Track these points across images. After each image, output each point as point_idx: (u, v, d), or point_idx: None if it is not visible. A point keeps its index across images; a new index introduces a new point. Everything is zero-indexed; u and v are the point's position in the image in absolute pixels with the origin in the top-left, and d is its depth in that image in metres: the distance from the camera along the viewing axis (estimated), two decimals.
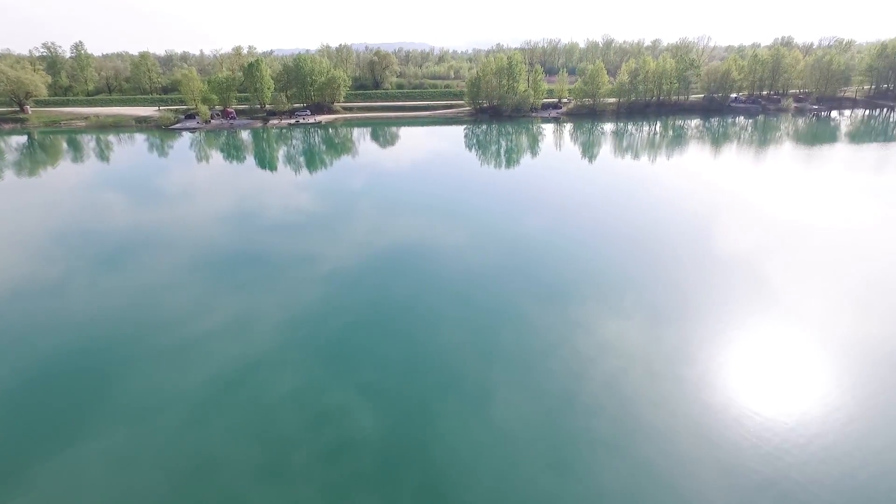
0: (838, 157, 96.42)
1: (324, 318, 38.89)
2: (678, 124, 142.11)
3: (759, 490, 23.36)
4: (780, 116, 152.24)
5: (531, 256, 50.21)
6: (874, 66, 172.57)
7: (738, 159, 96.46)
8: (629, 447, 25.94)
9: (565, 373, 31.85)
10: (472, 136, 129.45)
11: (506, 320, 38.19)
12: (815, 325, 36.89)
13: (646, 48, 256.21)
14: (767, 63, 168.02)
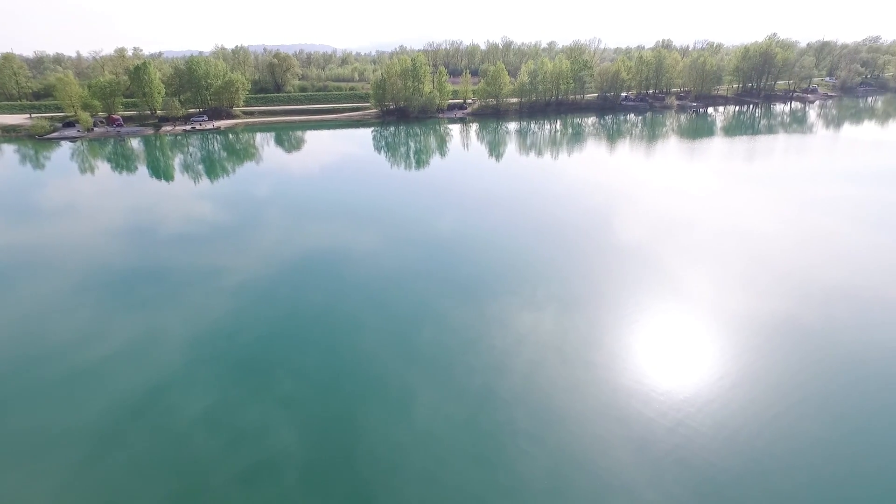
0: (716, 150, 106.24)
1: (235, 333, 37.11)
2: (577, 122, 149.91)
3: (666, 459, 25.26)
4: (665, 113, 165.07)
5: (446, 256, 50.90)
6: (740, 66, 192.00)
7: (632, 154, 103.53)
8: (549, 434, 27.07)
9: (485, 368, 32.64)
10: (381, 138, 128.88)
11: (424, 321, 38.45)
12: (702, 304, 40.44)
13: (542, 50, 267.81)
14: (651, 64, 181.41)
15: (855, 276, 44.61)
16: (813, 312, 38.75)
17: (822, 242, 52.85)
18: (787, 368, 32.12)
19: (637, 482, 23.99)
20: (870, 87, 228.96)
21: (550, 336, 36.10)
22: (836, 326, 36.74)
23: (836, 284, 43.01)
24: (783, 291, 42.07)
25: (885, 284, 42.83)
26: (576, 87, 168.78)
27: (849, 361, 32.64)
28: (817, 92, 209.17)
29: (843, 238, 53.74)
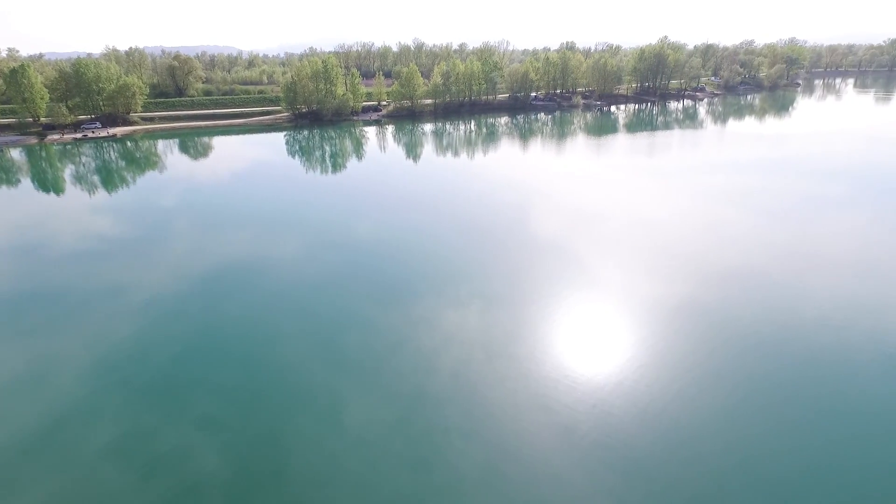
0: (620, 145, 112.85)
1: (144, 354, 34.70)
2: (490, 122, 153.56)
3: (589, 442, 26.52)
4: (572, 112, 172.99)
5: (368, 259, 50.44)
6: (637, 67, 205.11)
7: (545, 151, 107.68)
8: (480, 429, 27.59)
9: (413, 369, 32.70)
10: (294, 142, 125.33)
11: (349, 327, 37.88)
12: (614, 291, 42.84)
13: (454, 51, 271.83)
14: (557, 65, 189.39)
15: (744, 257, 49.01)
16: (710, 292, 42.14)
17: (715, 228, 57.61)
18: (689, 345, 34.73)
19: (564, 467, 25.01)
20: (748, 86, 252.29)
21: (476, 333, 36.78)
22: (731, 304, 40.18)
23: (729, 265, 47.05)
24: (684, 275, 45.43)
25: (770, 263, 47.37)
26: (488, 88, 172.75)
27: (742, 334, 35.81)
28: (705, 90, 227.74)
29: (732, 223, 58.86)
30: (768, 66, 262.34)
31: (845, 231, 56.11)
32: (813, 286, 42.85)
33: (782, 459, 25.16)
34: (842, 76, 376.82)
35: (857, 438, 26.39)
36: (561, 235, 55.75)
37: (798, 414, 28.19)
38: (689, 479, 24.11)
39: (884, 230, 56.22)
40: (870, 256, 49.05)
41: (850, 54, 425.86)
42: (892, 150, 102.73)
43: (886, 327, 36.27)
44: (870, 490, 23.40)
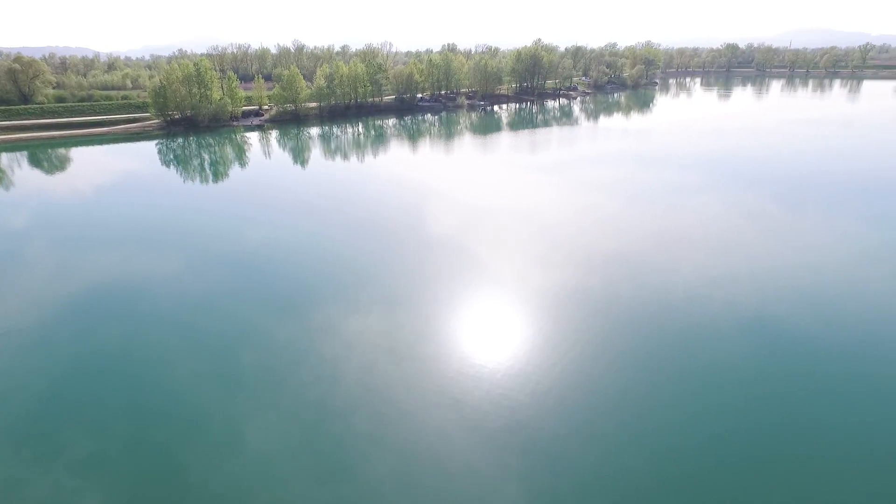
0: (505, 143, 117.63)
1: (2, 397, 30.41)
2: (378, 124, 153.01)
3: (498, 432, 27.44)
4: (458, 112, 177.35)
5: (260, 269, 48.17)
6: (515, 68, 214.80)
7: (434, 151, 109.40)
8: (390, 434, 27.47)
9: (316, 381, 31.78)
10: (168, 151, 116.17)
11: (243, 344, 35.94)
12: (510, 283, 44.69)
13: (336, 53, 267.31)
14: (441, 67, 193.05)
15: (621, 242, 53.32)
16: (595, 277, 45.35)
17: (595, 217, 62.08)
18: (580, 328, 37.12)
19: (476, 459, 25.66)
20: (615, 85, 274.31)
21: (380, 337, 36.54)
22: (613, 286, 43.51)
23: (609, 251, 50.93)
24: (571, 263, 48.45)
25: (643, 246, 51.93)
26: (373, 90, 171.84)
27: (624, 314, 38.93)
28: (578, 90, 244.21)
29: (609, 212, 63.77)
30: (630, 67, 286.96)
31: (702, 214, 63.03)
32: (680, 265, 47.62)
33: (668, 428, 27.71)
34: (690, 76, 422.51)
35: (728, 403, 29.74)
36: (456, 232, 57.02)
37: (677, 384, 31.20)
38: (590, 455, 25.78)
39: (732, 211, 63.92)
40: (722, 235, 55.52)
41: (695, 56, 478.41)
42: (734, 141, 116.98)
43: (739, 297, 41.25)
44: (741, 447, 26.50)
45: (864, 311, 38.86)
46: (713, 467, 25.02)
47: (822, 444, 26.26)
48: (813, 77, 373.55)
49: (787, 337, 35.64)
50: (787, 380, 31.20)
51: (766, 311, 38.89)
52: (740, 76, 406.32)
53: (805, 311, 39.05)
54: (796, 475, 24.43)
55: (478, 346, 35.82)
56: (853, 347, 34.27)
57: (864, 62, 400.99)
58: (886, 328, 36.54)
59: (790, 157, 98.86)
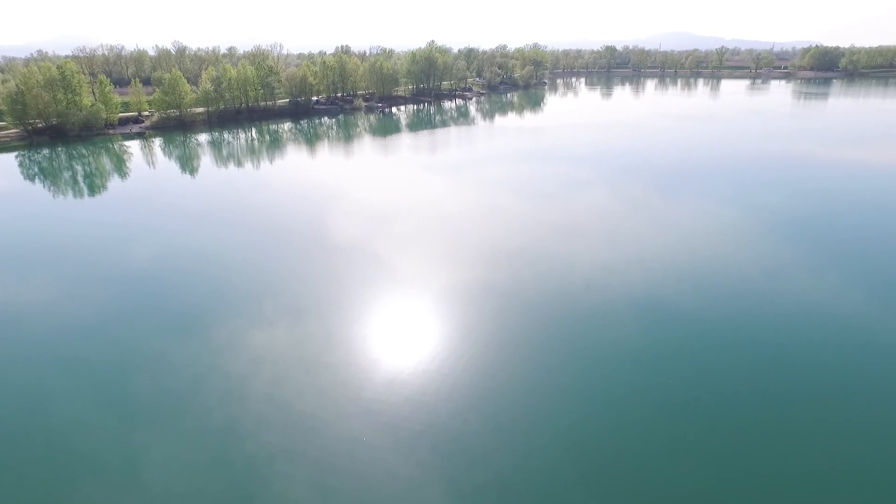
0: (406, 144, 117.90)
1: None
2: (272, 129, 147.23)
3: (418, 433, 27.47)
4: (356, 114, 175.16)
5: (153, 288, 44.56)
6: (411, 70, 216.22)
7: (334, 154, 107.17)
8: (306, 448, 26.56)
9: (222, 401, 29.98)
10: (32, 164, 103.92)
11: (137, 369, 33.07)
12: (420, 284, 44.92)
13: (223, 56, 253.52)
14: (335, 69, 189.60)
15: (523, 237, 55.49)
16: (501, 272, 46.80)
17: (498, 214, 64.05)
18: (489, 324, 38.17)
19: (397, 463, 25.51)
20: (507, 85, 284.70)
21: (289, 348, 35.21)
22: (518, 280, 45.18)
23: (513, 246, 52.78)
24: (477, 260, 49.64)
25: (543, 239, 54.39)
26: (265, 94, 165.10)
27: (529, 306, 40.56)
28: (472, 90, 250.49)
29: (510, 208, 66.11)
30: (520, 68, 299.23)
31: (594, 205, 67.21)
32: (577, 255, 50.42)
33: (577, 412, 29.25)
34: (575, 76, 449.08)
35: (631, 384, 31.91)
36: (362, 236, 56.27)
37: (582, 369, 33.00)
38: (508, 446, 26.55)
39: (620, 202, 68.75)
40: (613, 224, 59.56)
41: (579, 58, 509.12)
42: (617, 136, 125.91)
43: (632, 281, 44.46)
44: (644, 425, 28.55)
45: (734, 285, 43.41)
46: (624, 448, 26.74)
47: (711, 410, 28.99)
48: (680, 76, 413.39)
49: (674, 314, 38.94)
50: (678, 355, 34.09)
51: (655, 292, 42.23)
52: (619, 76, 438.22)
53: (687, 289, 42.89)
54: (696, 447, 26.76)
55: (391, 349, 35.62)
56: (727, 320, 38.18)
57: (721, 63, 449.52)
58: (753, 300, 41.06)
59: (666, 149, 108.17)
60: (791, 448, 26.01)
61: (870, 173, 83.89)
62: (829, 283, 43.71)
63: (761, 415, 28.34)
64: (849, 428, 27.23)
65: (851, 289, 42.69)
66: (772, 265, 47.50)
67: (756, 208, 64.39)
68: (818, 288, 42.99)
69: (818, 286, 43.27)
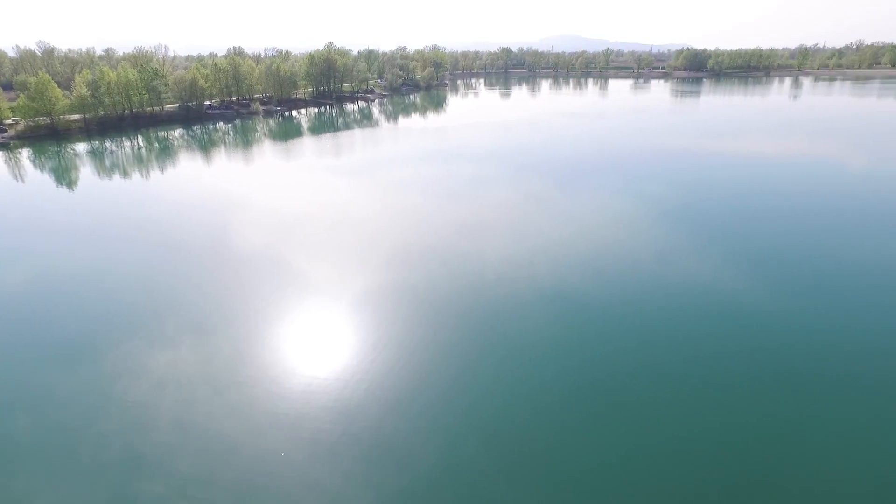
0: (309, 148, 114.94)
1: None
2: (162, 136, 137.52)
3: (338, 441, 27.01)
4: (254, 119, 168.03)
5: (30, 314, 40.08)
6: (310, 72, 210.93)
7: (232, 161, 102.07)
8: (222, 471, 25.23)
9: (122, 432, 27.68)
10: None
11: (17, 406, 29.68)
12: (334, 289, 44.09)
13: (99, 57, 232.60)
14: (228, 71, 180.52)
15: (435, 235, 56.17)
16: (415, 273, 47.07)
17: (409, 215, 64.31)
18: (405, 324, 38.32)
19: (320, 476, 24.94)
20: (409, 87, 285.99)
21: (195, 368, 33.20)
22: (432, 279, 45.69)
23: (425, 245, 53.26)
24: (390, 262, 49.58)
25: (457, 238, 55.37)
26: (151, 98, 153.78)
27: (444, 304, 41.20)
28: (375, 92, 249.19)
29: (421, 208, 66.64)
30: (421, 69, 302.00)
31: (501, 202, 69.41)
32: (487, 251, 51.87)
33: (498, 406, 30.14)
34: (475, 77, 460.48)
35: (545, 372, 33.36)
36: (268, 245, 54.18)
37: (498, 362, 34.06)
38: (433, 447, 26.82)
39: (524, 199, 71.60)
40: (519, 219, 61.92)
41: (477, 59, 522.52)
42: (518, 134, 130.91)
43: (539, 274, 46.51)
44: (562, 411, 29.98)
45: (630, 270, 46.76)
46: (543, 434, 27.93)
47: (618, 389, 31.06)
48: (572, 76, 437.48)
49: (579, 301, 41.25)
50: (585, 339, 36.17)
51: (561, 282, 44.49)
52: (516, 76, 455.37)
53: (589, 276, 45.59)
54: (609, 426, 28.54)
55: (305, 359, 34.67)
56: (626, 304, 41.08)
57: (608, 64, 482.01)
58: (647, 282, 44.46)
59: (563, 145, 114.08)
60: (688, 417, 28.54)
61: (736, 162, 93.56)
62: (710, 263, 48.31)
63: (662, 389, 30.80)
64: (734, 390, 30.33)
65: (729, 266, 47.46)
66: (661, 250, 51.66)
67: (644, 198, 69.68)
68: (700, 268, 47.36)
69: (700, 266, 47.67)
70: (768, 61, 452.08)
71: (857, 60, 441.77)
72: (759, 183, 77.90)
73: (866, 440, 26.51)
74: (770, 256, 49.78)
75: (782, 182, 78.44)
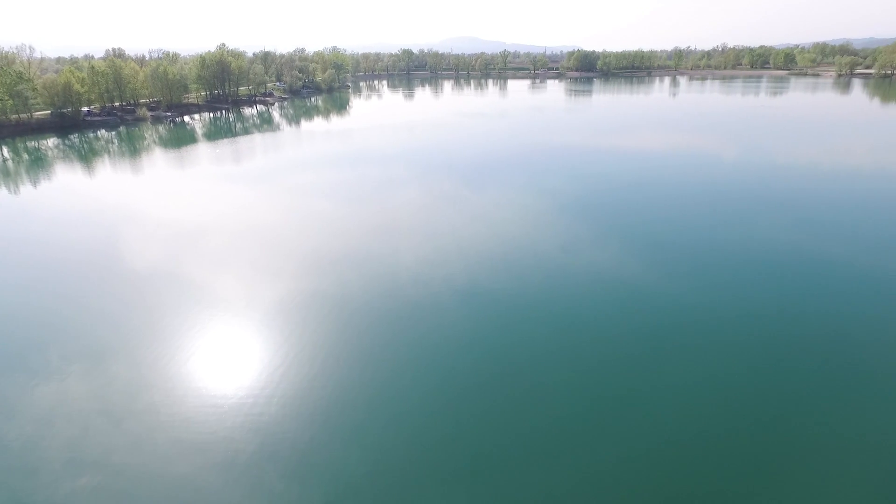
0: (205, 155, 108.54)
1: None
2: (32, 146, 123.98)
3: (253, 456, 25.86)
4: (140, 126, 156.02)
5: None
6: (202, 75, 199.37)
7: (118, 172, 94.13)
8: None
9: (6, 477, 24.77)
10: None
11: None
12: (239, 303, 42.08)
13: None
14: (108, 75, 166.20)
15: (345, 241, 55.26)
16: (327, 280, 46.03)
17: (318, 220, 62.79)
18: (319, 331, 37.42)
19: (240, 499, 23.76)
20: (310, 89, 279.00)
21: (87, 401, 30.31)
22: (343, 284, 44.94)
23: (337, 252, 52.25)
24: (301, 270, 48.16)
25: (370, 242, 54.84)
26: (17, 105, 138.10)
27: (358, 308, 40.71)
28: (274, 95, 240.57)
29: (331, 213, 65.27)
30: (322, 72, 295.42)
31: (410, 203, 69.67)
32: (401, 253, 51.88)
33: (416, 407, 30.25)
34: (377, 78, 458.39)
35: (460, 367, 33.90)
36: (166, 259, 50.61)
37: (414, 363, 34.20)
38: (354, 453, 26.40)
39: (433, 198, 72.38)
40: (431, 220, 62.55)
41: (379, 61, 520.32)
42: (424, 135, 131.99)
43: (453, 272, 47.26)
44: (482, 408, 30.63)
45: (537, 262, 48.78)
46: (465, 432, 28.39)
47: (532, 377, 32.28)
48: (473, 77, 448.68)
49: (491, 296, 42.40)
50: (497, 333, 37.21)
51: (473, 279, 45.49)
52: (419, 78, 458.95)
53: (500, 271, 47.00)
54: (522, 415, 29.55)
55: (214, 379, 32.76)
56: (534, 294, 42.80)
57: (506, 65, 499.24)
58: (553, 272, 46.62)
59: (468, 144, 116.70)
60: (599, 394, 30.32)
61: (626, 156, 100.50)
62: (608, 251, 51.53)
63: (574, 371, 32.43)
64: (636, 364, 32.63)
65: (625, 252, 50.88)
66: (564, 241, 54.37)
67: (547, 193, 72.96)
68: (600, 256, 50.39)
69: (600, 254, 50.71)
70: (649, 62, 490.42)
71: (723, 62, 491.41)
72: (647, 174, 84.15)
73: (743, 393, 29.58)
74: (660, 241, 54.00)
75: (667, 173, 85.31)
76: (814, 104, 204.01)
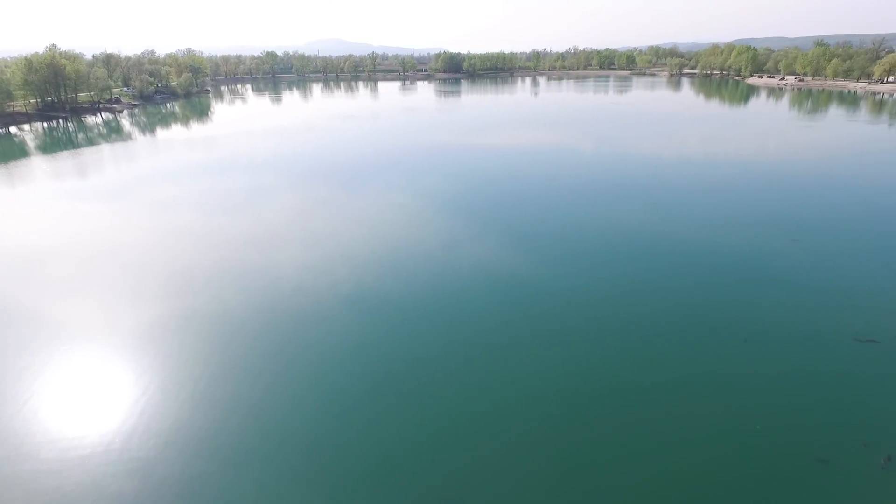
0: (41, 171, 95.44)
1: None
2: None
3: (166, 479, 23.51)
4: None
5: None
6: (30, 80, 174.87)
7: None
8: None
9: None
10: None
11: None
12: (101, 332, 37.81)
13: None
14: None
15: (220, 256, 51.81)
16: (201, 297, 42.83)
17: (185, 236, 58.09)
18: (198, 352, 34.83)
19: None
20: (164, 95, 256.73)
21: None
22: (222, 301, 42.18)
23: (210, 267, 48.82)
24: (171, 290, 44.34)
25: (245, 254, 51.87)
26: None
27: (236, 324, 38.52)
28: (122, 102, 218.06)
29: (199, 227, 60.74)
30: (177, 76, 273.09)
31: (287, 210, 67.11)
32: (281, 263, 49.81)
33: (303, 418, 29.31)
34: (240, 82, 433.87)
35: (349, 375, 33.40)
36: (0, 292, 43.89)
37: (302, 373, 33.13)
38: (235, 482, 25.03)
39: (310, 204, 70.45)
40: (310, 227, 60.81)
41: (240, 63, 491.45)
42: (295, 140, 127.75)
43: (338, 279, 46.37)
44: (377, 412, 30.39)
45: (422, 262, 49.58)
46: (359, 439, 28.03)
47: (429, 381, 32.74)
48: (342, 80, 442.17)
49: (377, 300, 42.28)
50: (386, 337, 37.24)
51: (359, 283, 45.01)
52: (285, 81, 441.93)
53: (386, 273, 47.01)
54: (421, 410, 29.83)
55: (78, 422, 29.03)
56: (421, 294, 43.47)
57: (375, 67, 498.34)
58: (437, 269, 47.68)
59: (342, 147, 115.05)
60: (492, 381, 31.57)
61: (496, 153, 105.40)
62: (486, 244, 53.76)
63: (460, 365, 33.44)
64: (522, 350, 34.46)
65: (502, 245, 53.43)
66: (445, 239, 55.74)
67: (424, 192, 74.24)
68: (480, 249, 52.42)
69: (480, 248, 52.75)
70: (511, 63, 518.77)
71: (575, 63, 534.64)
72: (517, 169, 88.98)
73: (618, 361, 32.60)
74: (533, 231, 57.50)
75: (535, 167, 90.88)
76: (654, 101, 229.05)
